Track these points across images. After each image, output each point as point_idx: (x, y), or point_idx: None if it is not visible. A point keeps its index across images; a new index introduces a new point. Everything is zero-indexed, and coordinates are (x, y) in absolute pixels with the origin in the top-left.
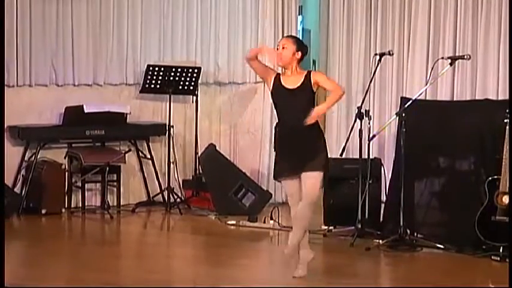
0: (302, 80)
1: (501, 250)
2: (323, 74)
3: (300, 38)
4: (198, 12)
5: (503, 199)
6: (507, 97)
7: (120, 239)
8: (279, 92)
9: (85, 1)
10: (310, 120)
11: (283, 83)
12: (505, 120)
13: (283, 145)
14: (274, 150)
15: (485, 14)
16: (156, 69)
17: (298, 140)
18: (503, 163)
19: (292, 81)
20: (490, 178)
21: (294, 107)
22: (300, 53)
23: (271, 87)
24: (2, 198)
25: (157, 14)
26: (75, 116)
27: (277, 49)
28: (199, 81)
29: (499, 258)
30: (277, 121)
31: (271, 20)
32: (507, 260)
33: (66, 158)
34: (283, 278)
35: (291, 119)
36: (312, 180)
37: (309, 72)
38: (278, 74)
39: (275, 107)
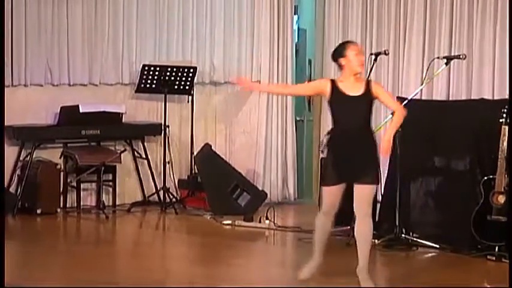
0: (364, 87)
1: (496, 250)
2: (381, 86)
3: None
4: (194, 12)
5: (499, 199)
6: (502, 97)
7: (115, 239)
8: (339, 99)
9: (80, 1)
10: (385, 152)
11: (343, 90)
12: (501, 120)
13: (338, 152)
14: (325, 156)
15: (481, 14)
16: (152, 69)
17: (355, 148)
18: (498, 163)
19: (353, 88)
20: (486, 178)
21: (355, 114)
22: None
23: (328, 95)
24: (2, 198)
25: (152, 13)
26: (70, 116)
27: (358, 55)
28: (195, 81)
29: (494, 258)
30: (332, 127)
31: (266, 19)
32: (503, 259)
33: (62, 157)
34: (279, 277)
35: (351, 126)
36: (369, 194)
37: (368, 81)
38: (333, 81)
39: (333, 114)
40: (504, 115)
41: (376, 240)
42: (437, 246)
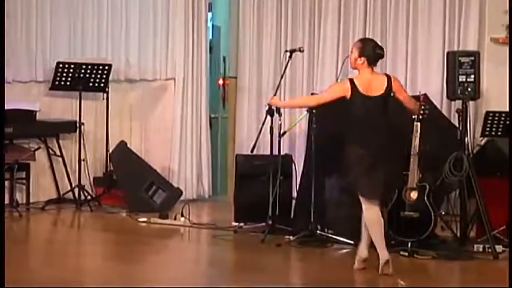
0: (385, 86)
1: (409, 245)
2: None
3: (364, 41)
4: (109, 9)
5: (411, 195)
6: (414, 93)
7: (29, 237)
8: (361, 101)
9: None
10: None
11: (362, 91)
12: (413, 116)
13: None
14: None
15: (394, 10)
16: (66, 66)
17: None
18: (411, 159)
19: (372, 87)
20: None
21: (377, 115)
22: (363, 58)
23: (349, 96)
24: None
25: (67, 10)
26: None
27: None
28: (110, 79)
29: (407, 254)
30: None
31: (181, 16)
32: (415, 255)
33: None
34: (194, 274)
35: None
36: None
37: (390, 78)
38: (351, 81)
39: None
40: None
41: (291, 237)
42: (352, 242)
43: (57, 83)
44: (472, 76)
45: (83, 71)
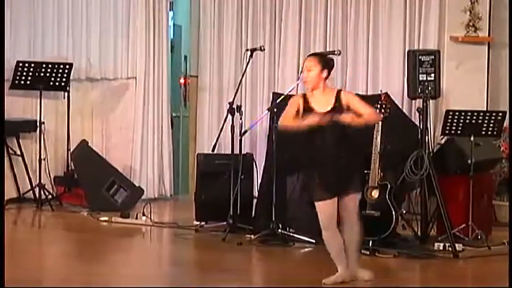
0: (333, 101)
1: (370, 244)
2: (354, 95)
3: (326, 54)
4: (69, 8)
5: (373, 193)
6: (376, 92)
7: None
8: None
9: None
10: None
11: (313, 106)
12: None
13: (321, 167)
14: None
15: (355, 10)
16: (26, 65)
17: (334, 161)
18: (372, 158)
19: (322, 102)
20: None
21: (325, 131)
22: (325, 71)
23: (301, 112)
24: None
25: (27, 9)
26: None
27: (302, 72)
28: (71, 78)
29: (368, 252)
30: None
31: (142, 15)
32: (376, 253)
33: None
34: (156, 274)
35: (325, 143)
36: (356, 202)
37: (338, 92)
38: (304, 96)
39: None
40: (377, 110)
41: (252, 236)
42: (314, 241)
43: (17, 82)
44: (432, 75)
45: (43, 70)
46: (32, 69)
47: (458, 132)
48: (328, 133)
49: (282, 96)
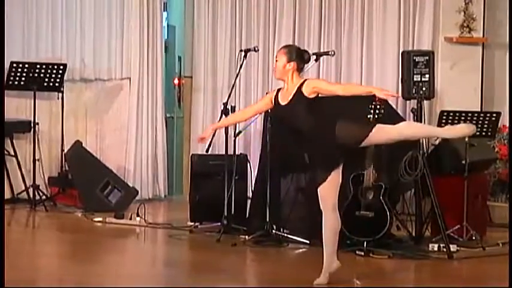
0: (293, 93)
1: (365, 245)
2: (321, 80)
3: (298, 47)
4: (63, 8)
5: (367, 194)
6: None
7: None
8: (276, 110)
9: None
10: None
11: (279, 100)
12: (368, 116)
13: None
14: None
15: (349, 11)
16: (20, 65)
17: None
18: (366, 159)
19: (287, 95)
20: (355, 174)
21: (292, 122)
22: (292, 63)
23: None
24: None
25: (21, 9)
26: None
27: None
28: (65, 78)
29: (363, 253)
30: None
31: (136, 16)
32: (371, 254)
33: None
34: (150, 273)
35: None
36: (334, 183)
37: (302, 83)
38: (278, 90)
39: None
40: (371, 111)
41: (246, 237)
42: (308, 242)
43: (11, 82)
44: (427, 75)
45: (37, 70)
46: (26, 70)
47: None
48: (294, 123)
49: None
